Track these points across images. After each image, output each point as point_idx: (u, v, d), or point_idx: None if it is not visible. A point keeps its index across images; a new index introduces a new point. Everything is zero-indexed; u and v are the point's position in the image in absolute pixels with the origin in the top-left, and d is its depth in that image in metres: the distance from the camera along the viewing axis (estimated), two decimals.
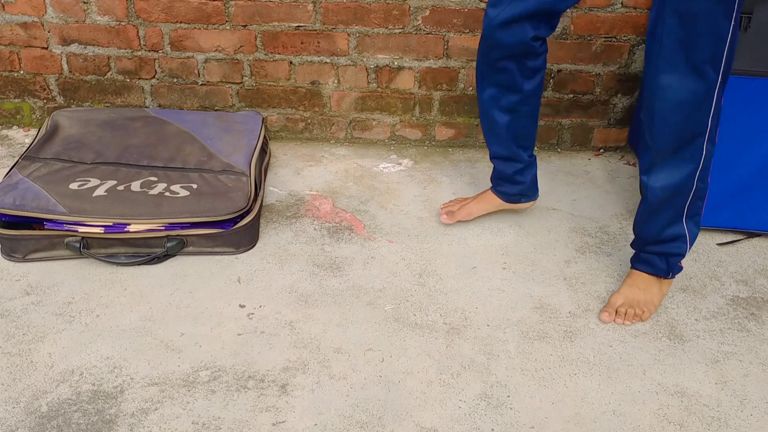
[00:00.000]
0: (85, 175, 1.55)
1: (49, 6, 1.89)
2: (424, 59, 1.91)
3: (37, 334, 1.32)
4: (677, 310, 1.42)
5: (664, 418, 1.17)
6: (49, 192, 1.48)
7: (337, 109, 2.01)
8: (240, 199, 1.52)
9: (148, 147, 1.67)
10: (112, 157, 1.62)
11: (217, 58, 1.94)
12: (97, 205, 1.46)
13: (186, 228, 1.48)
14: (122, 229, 1.46)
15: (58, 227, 1.46)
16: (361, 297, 1.43)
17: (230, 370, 1.25)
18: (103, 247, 1.48)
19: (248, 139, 1.74)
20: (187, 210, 1.48)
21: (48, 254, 1.48)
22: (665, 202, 1.32)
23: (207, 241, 1.50)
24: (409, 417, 1.16)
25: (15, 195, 1.46)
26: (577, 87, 1.93)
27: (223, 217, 1.48)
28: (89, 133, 1.70)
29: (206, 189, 1.53)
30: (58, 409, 1.16)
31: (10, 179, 1.52)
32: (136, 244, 1.48)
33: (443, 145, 2.05)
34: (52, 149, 1.63)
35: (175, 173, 1.58)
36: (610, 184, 1.86)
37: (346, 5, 1.84)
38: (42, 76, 2.01)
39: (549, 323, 1.38)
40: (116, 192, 1.50)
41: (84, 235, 1.46)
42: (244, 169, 1.61)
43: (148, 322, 1.35)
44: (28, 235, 1.46)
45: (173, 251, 1.49)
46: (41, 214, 1.45)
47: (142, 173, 1.57)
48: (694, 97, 1.18)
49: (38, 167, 1.55)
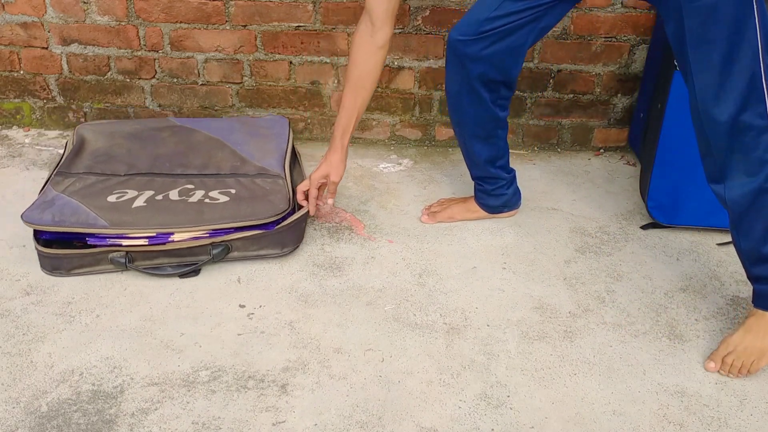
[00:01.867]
0: (121, 187, 1.51)
1: (49, 6, 1.89)
2: (424, 59, 1.91)
3: (37, 334, 1.32)
4: (677, 310, 1.42)
5: (664, 418, 1.17)
6: (87, 206, 1.44)
7: (337, 109, 2.01)
8: (280, 201, 1.50)
9: (179, 155, 1.64)
10: (145, 167, 1.59)
11: (217, 58, 1.94)
12: (138, 216, 1.43)
13: (230, 233, 1.45)
14: (166, 239, 1.43)
15: (101, 242, 1.42)
16: (361, 297, 1.43)
17: (230, 370, 1.25)
18: (148, 259, 1.44)
19: (278, 143, 1.71)
20: (228, 215, 1.45)
21: (91, 269, 1.45)
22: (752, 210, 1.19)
23: (252, 243, 1.47)
24: (409, 417, 1.16)
25: (53, 211, 1.42)
26: (577, 87, 1.93)
27: (265, 221, 1.45)
28: (116, 145, 1.67)
29: (245, 193, 1.51)
30: (58, 409, 1.16)
31: (45, 196, 1.47)
32: (180, 254, 1.44)
33: (443, 145, 2.05)
34: (82, 163, 1.59)
35: (210, 179, 1.55)
36: (610, 184, 1.86)
37: (346, 5, 1.84)
38: (42, 76, 2.01)
39: (549, 323, 1.38)
40: (155, 202, 1.47)
41: (128, 249, 1.42)
42: (279, 172, 1.59)
43: (148, 322, 1.35)
44: (72, 254, 1.42)
45: (219, 258, 1.45)
46: (82, 229, 1.40)
47: (177, 182, 1.54)
48: None
49: (72, 182, 1.52)
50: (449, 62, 1.44)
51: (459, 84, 1.45)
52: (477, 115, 1.49)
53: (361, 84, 1.46)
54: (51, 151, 1.97)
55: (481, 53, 1.37)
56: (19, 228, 1.62)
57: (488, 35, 1.35)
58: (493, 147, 1.56)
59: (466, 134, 1.54)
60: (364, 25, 1.42)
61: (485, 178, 1.61)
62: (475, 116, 1.49)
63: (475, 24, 1.36)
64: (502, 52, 1.38)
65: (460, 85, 1.45)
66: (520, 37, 1.36)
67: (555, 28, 1.83)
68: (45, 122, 2.09)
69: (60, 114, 2.08)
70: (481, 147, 1.55)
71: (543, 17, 1.35)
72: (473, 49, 1.37)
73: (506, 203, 1.66)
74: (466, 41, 1.37)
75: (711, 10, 1.09)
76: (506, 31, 1.35)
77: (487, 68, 1.40)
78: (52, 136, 2.05)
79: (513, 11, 1.33)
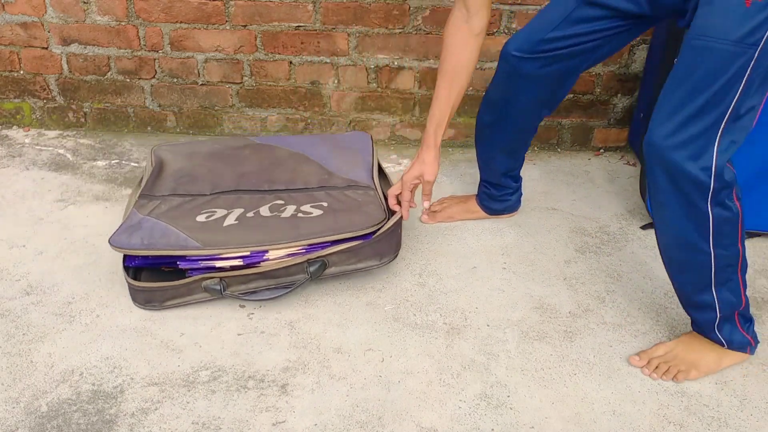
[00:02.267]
0: (209, 206, 1.43)
1: (49, 6, 1.89)
2: (424, 59, 1.91)
3: (37, 334, 1.32)
4: (677, 310, 1.42)
5: (664, 418, 1.17)
6: (177, 227, 1.36)
7: (337, 109, 2.01)
8: (375, 211, 1.42)
9: (264, 171, 1.56)
10: (230, 185, 1.51)
11: (217, 58, 1.94)
12: (230, 235, 1.35)
13: (326, 247, 1.37)
14: (261, 257, 1.35)
15: (193, 264, 1.35)
16: (361, 297, 1.43)
17: (230, 370, 1.25)
18: (243, 284, 1.35)
19: (363, 156, 1.63)
20: (325, 228, 1.37)
21: (186, 300, 1.37)
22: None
23: (349, 256, 1.39)
24: (409, 417, 1.16)
25: (142, 235, 1.34)
26: (577, 87, 1.93)
27: (363, 231, 1.38)
28: (197, 165, 1.59)
29: (338, 206, 1.43)
30: (58, 409, 1.16)
31: (130, 220, 1.39)
32: (276, 275, 1.36)
33: (443, 145, 2.03)
34: (165, 185, 1.51)
35: (299, 194, 1.48)
36: (610, 184, 1.86)
37: (346, 5, 1.84)
38: (42, 76, 2.01)
39: (549, 323, 1.38)
40: (247, 219, 1.39)
41: (222, 275, 1.34)
42: (369, 183, 1.52)
43: (148, 322, 1.35)
44: (165, 286, 1.35)
45: (316, 275, 1.37)
46: (174, 251, 1.32)
47: (266, 198, 1.47)
48: None
49: (157, 204, 1.44)
50: (500, 72, 1.39)
51: (504, 94, 1.41)
52: (513, 130, 1.48)
53: (457, 74, 1.35)
54: (51, 151, 1.97)
55: (536, 72, 1.33)
56: (19, 228, 1.62)
57: (547, 56, 1.30)
58: (514, 160, 1.57)
59: (495, 143, 1.52)
60: (459, 11, 1.32)
61: (494, 184, 1.62)
62: (512, 131, 1.48)
63: (536, 42, 1.30)
64: (556, 74, 1.34)
65: (506, 96, 1.41)
66: (580, 60, 1.32)
67: None
68: (45, 122, 2.09)
69: (60, 114, 2.08)
70: (503, 159, 1.55)
71: (608, 43, 1.29)
72: (528, 67, 1.33)
73: (508, 208, 1.67)
74: (522, 58, 1.32)
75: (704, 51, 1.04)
76: (567, 54, 1.30)
77: (538, 87, 1.37)
78: (52, 136, 2.05)
79: (578, 33, 1.27)
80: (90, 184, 1.82)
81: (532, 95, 1.39)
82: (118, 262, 1.52)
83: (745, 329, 1.24)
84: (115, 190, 1.79)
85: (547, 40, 1.29)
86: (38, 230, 1.62)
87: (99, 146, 2.01)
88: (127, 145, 2.01)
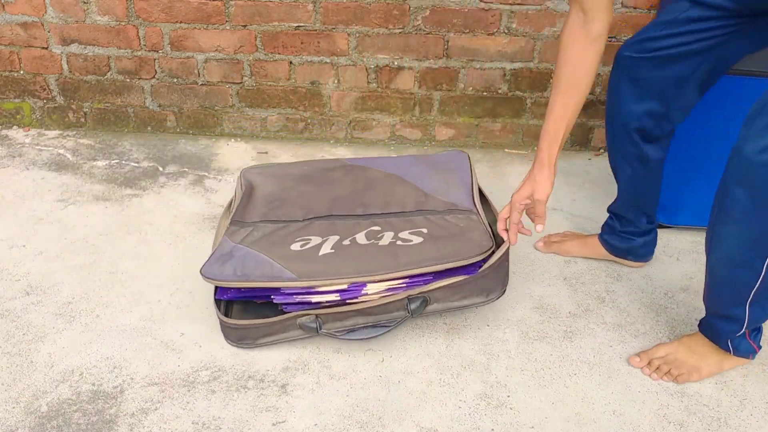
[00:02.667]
0: (302, 233, 1.35)
1: (49, 6, 1.89)
2: (424, 59, 1.91)
3: (37, 334, 1.32)
4: (677, 310, 1.42)
5: (664, 418, 1.17)
6: (270, 256, 1.28)
7: (337, 109, 2.01)
8: (481, 238, 1.31)
9: (357, 194, 1.48)
10: (323, 210, 1.43)
11: (217, 58, 1.94)
12: (327, 265, 1.26)
13: (429, 282, 1.27)
14: (360, 291, 1.26)
15: (288, 299, 1.27)
16: None
17: (230, 370, 1.25)
18: (339, 321, 1.27)
19: (460, 176, 1.53)
20: (427, 257, 1.27)
21: (280, 337, 1.29)
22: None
23: (452, 293, 1.28)
24: (409, 417, 1.16)
25: (234, 264, 1.27)
26: None
27: (469, 260, 1.27)
28: (288, 188, 1.52)
29: (439, 232, 1.33)
30: (58, 409, 1.16)
31: (222, 249, 1.33)
32: (374, 312, 1.27)
33: (443, 145, 2.05)
34: (257, 211, 1.44)
35: (396, 219, 1.39)
36: (610, 184, 1.86)
37: (346, 5, 1.84)
38: (42, 76, 2.01)
39: (549, 323, 1.38)
40: (343, 247, 1.30)
41: (318, 312, 1.26)
42: (470, 207, 1.42)
43: (148, 322, 1.35)
44: (260, 323, 1.27)
45: (417, 313, 1.27)
46: (268, 283, 1.24)
47: (360, 223, 1.38)
48: None
49: (249, 232, 1.37)
50: (612, 78, 1.31)
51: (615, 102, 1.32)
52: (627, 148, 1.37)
53: (575, 83, 1.22)
54: (51, 151, 1.97)
55: (648, 74, 1.25)
56: (19, 228, 1.62)
57: (657, 55, 1.22)
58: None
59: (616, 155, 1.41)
60: (575, 14, 1.19)
61: (619, 216, 1.48)
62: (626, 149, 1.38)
63: (646, 40, 1.23)
64: (669, 80, 1.24)
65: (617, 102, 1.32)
66: (693, 66, 1.22)
67: (554, 28, 1.83)
68: (45, 122, 2.09)
69: (60, 114, 2.08)
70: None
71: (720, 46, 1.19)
72: (640, 68, 1.25)
73: (632, 251, 1.51)
74: (633, 57, 1.25)
75: None
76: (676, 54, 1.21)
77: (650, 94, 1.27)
78: (52, 136, 2.05)
79: (685, 32, 1.19)
80: (90, 184, 1.82)
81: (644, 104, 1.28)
82: (118, 262, 1.52)
83: (752, 338, 1.23)
84: (115, 190, 1.79)
85: (656, 38, 1.22)
86: (38, 230, 1.62)
87: (99, 146, 2.01)
88: (127, 145, 2.01)
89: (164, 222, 1.66)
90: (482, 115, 1.99)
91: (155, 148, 2.01)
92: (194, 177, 1.86)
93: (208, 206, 1.73)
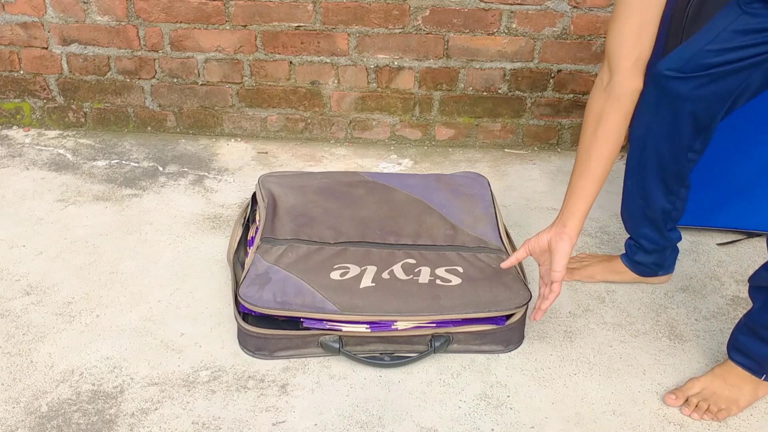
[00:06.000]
0: (339, 260, 1.33)
1: (49, 6, 1.89)
2: (424, 59, 1.91)
3: (37, 334, 1.32)
4: (677, 310, 1.42)
5: (664, 418, 1.17)
6: (311, 284, 1.26)
7: (337, 109, 2.01)
8: (518, 286, 1.29)
9: (387, 220, 1.45)
10: (355, 235, 1.41)
11: (217, 58, 1.94)
12: (369, 300, 1.24)
13: (458, 324, 1.27)
14: (389, 326, 1.25)
15: (318, 325, 1.26)
16: None
17: (230, 370, 1.25)
18: (360, 345, 1.27)
19: (483, 207, 1.51)
20: (466, 302, 1.25)
21: (298, 352, 1.27)
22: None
23: (475, 338, 1.28)
24: (409, 417, 1.16)
25: (274, 290, 1.25)
26: (577, 87, 1.93)
27: (508, 312, 1.26)
28: (310, 202, 1.49)
29: (475, 273, 1.32)
30: (58, 409, 1.16)
31: (256, 268, 1.30)
32: (397, 341, 1.27)
33: (443, 145, 2.05)
34: (285, 227, 1.41)
35: (429, 253, 1.37)
36: (610, 184, 1.86)
37: (346, 5, 1.84)
38: (42, 76, 2.02)
39: (549, 323, 1.38)
40: (384, 281, 1.28)
41: (345, 334, 1.26)
42: (499, 245, 1.40)
43: (148, 322, 1.35)
44: (280, 335, 1.25)
45: (439, 350, 1.27)
46: (311, 314, 1.23)
47: (395, 254, 1.36)
48: None
49: (284, 251, 1.34)
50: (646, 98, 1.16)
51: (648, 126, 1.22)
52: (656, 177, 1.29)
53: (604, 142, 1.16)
54: (51, 151, 1.97)
55: (690, 93, 1.13)
56: (19, 228, 1.62)
57: (705, 74, 1.10)
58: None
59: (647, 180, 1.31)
60: (602, 73, 1.14)
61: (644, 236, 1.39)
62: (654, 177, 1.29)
63: (692, 55, 1.10)
64: (713, 97, 1.13)
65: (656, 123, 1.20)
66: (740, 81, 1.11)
67: (554, 28, 1.84)
68: (45, 122, 2.10)
69: (60, 114, 2.08)
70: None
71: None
72: (682, 88, 1.12)
73: (659, 262, 1.43)
74: (674, 77, 1.12)
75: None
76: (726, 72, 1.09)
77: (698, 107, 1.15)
78: (52, 136, 2.05)
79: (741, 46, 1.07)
80: (90, 184, 1.82)
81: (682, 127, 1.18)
82: (118, 262, 1.52)
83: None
84: (115, 190, 1.79)
85: (704, 52, 1.09)
86: (38, 230, 1.62)
87: (99, 146, 2.01)
88: (127, 145, 2.01)
89: (164, 222, 1.66)
90: (482, 115, 1.99)
91: (155, 148, 2.01)
92: (194, 177, 1.87)
93: (208, 206, 1.73)
